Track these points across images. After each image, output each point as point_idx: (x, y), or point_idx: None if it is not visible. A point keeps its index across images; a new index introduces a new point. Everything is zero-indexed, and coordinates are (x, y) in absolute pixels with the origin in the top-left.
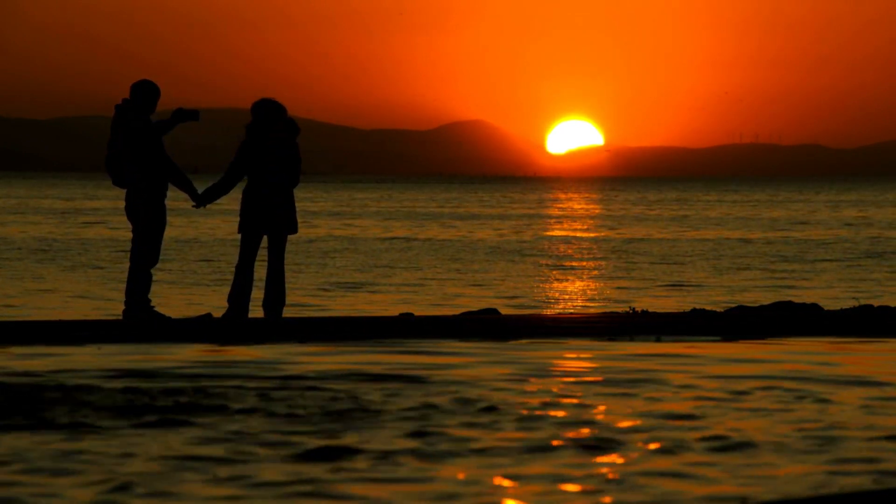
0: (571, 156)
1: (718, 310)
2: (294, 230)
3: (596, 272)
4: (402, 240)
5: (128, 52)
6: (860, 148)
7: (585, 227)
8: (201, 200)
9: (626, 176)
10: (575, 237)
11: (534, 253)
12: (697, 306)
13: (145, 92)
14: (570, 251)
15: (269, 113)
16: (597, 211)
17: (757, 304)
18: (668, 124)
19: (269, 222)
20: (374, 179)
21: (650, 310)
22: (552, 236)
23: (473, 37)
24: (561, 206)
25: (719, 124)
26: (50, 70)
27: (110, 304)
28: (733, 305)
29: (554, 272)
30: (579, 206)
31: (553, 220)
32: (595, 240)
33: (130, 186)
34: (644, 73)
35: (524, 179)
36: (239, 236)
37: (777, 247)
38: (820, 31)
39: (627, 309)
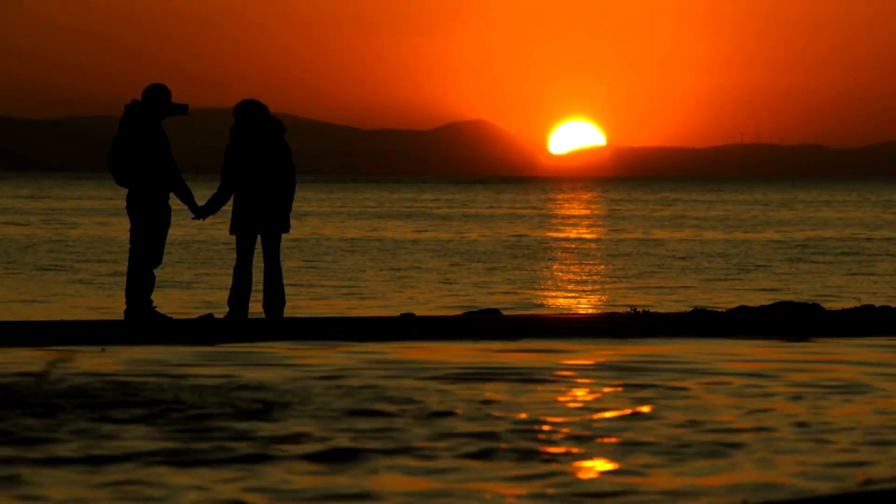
0: (573, 156)
1: (720, 310)
2: (286, 229)
3: (597, 272)
4: (402, 240)
5: (130, 52)
6: (861, 148)
7: (587, 227)
8: (202, 213)
9: (627, 176)
10: (577, 237)
11: (536, 253)
12: (699, 306)
13: (155, 94)
14: (571, 251)
15: (250, 114)
16: (598, 211)
17: (758, 305)
18: (670, 124)
19: (260, 222)
20: (373, 179)
21: (652, 310)
22: (554, 236)
23: (475, 37)
24: (563, 206)
25: (720, 124)
26: (51, 70)
27: (112, 305)
28: (734, 305)
29: (556, 272)
30: (581, 207)
31: (555, 221)
32: (597, 240)
33: (132, 185)
34: (645, 73)
35: (527, 179)
36: (233, 238)
37: (778, 247)
38: (819, 30)
39: (629, 309)
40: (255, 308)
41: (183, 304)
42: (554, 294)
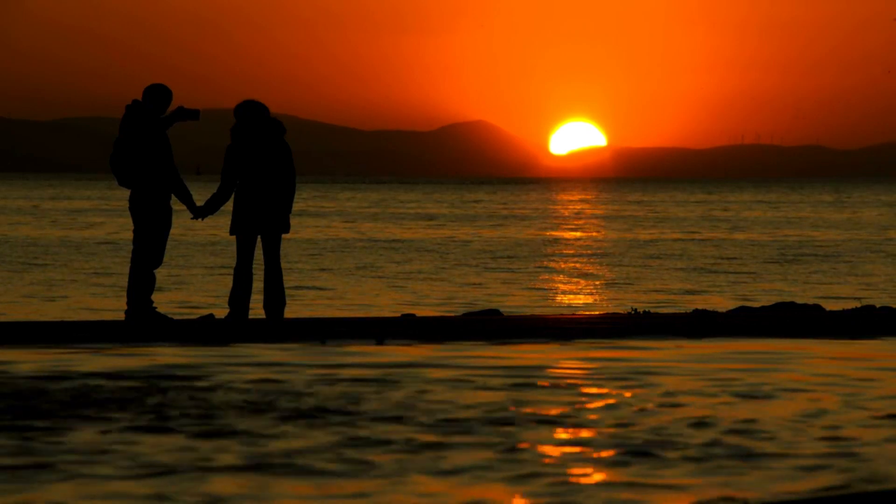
0: (574, 156)
1: (720, 311)
2: (286, 229)
3: (597, 272)
4: (402, 240)
5: (133, 52)
6: (861, 148)
7: (587, 227)
8: (201, 213)
9: (628, 177)
10: (577, 237)
11: (535, 253)
12: (700, 307)
13: (157, 95)
14: (571, 251)
15: (251, 114)
16: (598, 211)
17: (759, 305)
18: (670, 125)
19: (260, 222)
20: (374, 180)
21: (652, 310)
22: (554, 236)
23: (476, 38)
24: (563, 207)
25: (721, 125)
26: (53, 71)
27: (112, 305)
28: (735, 306)
29: (555, 272)
30: (581, 207)
31: (555, 221)
32: (597, 240)
33: (135, 186)
34: (646, 74)
35: (527, 180)
36: (234, 238)
37: (779, 248)
38: (819, 31)
39: (629, 310)
40: (256, 309)
41: (183, 304)
42: (554, 294)
